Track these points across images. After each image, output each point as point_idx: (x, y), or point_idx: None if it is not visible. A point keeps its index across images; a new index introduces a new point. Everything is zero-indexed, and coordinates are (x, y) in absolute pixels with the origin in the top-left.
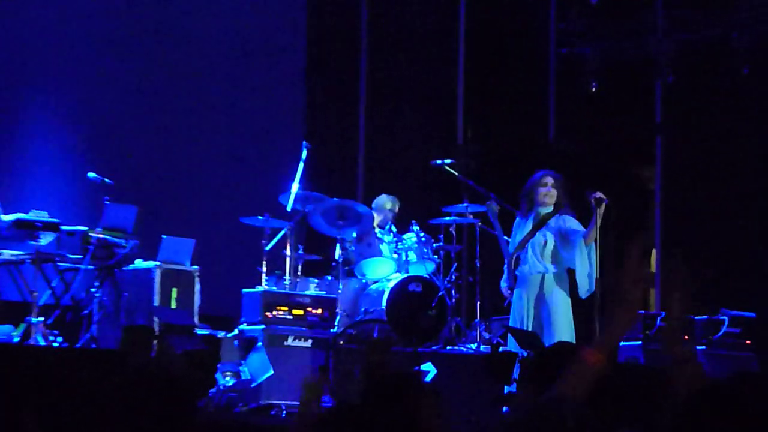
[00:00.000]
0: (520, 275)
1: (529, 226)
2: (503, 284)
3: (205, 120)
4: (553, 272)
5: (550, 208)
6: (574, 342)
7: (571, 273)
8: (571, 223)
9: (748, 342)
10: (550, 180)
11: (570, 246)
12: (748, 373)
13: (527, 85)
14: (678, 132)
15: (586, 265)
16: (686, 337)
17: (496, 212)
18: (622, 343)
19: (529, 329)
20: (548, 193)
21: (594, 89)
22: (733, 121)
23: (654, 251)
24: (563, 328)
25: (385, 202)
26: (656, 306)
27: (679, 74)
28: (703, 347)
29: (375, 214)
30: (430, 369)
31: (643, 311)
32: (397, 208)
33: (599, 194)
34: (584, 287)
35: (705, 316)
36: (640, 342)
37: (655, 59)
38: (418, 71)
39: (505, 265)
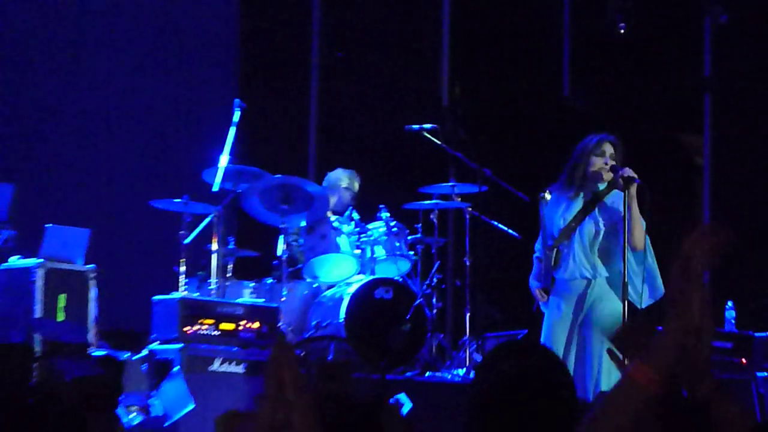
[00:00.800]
0: (558, 279)
1: (576, 209)
2: (534, 282)
3: (103, 72)
4: (604, 276)
5: (605, 186)
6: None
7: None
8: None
9: None
10: (609, 148)
11: (618, 243)
12: None
13: (534, 26)
14: (732, 89)
15: (639, 273)
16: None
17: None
18: None
19: (568, 352)
20: (605, 166)
21: (622, 31)
22: None
23: None
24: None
25: (341, 178)
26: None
27: (736, 12)
28: (765, 374)
29: (328, 195)
30: (403, 402)
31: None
32: (356, 187)
33: (628, 171)
34: (643, 298)
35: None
36: None
37: None
38: (389, 8)
39: (537, 257)
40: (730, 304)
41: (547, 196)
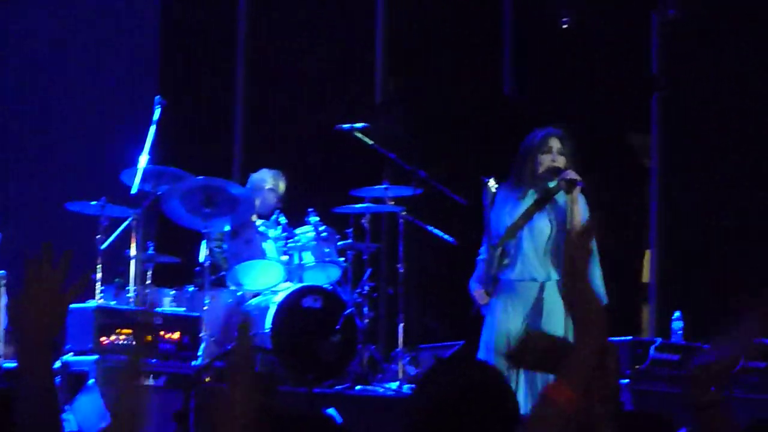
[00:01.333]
0: (504, 280)
1: (525, 208)
2: (474, 285)
3: (15, 66)
4: (555, 279)
5: (556, 183)
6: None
7: None
8: (580, 214)
9: None
10: (555, 143)
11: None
12: None
13: (473, 18)
14: (682, 87)
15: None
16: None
17: (494, 194)
18: None
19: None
20: (554, 162)
21: (565, 26)
22: (758, 71)
23: (648, 252)
24: None
25: (265, 179)
26: (651, 329)
27: (685, 6)
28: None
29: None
30: (333, 417)
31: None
32: (282, 188)
33: (570, 174)
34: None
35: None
36: (627, 380)
37: None
38: (320, 0)
39: (482, 259)
40: (677, 314)
41: (492, 185)
